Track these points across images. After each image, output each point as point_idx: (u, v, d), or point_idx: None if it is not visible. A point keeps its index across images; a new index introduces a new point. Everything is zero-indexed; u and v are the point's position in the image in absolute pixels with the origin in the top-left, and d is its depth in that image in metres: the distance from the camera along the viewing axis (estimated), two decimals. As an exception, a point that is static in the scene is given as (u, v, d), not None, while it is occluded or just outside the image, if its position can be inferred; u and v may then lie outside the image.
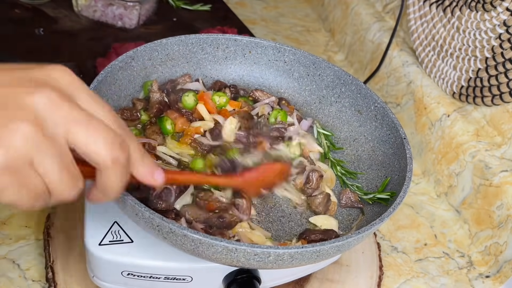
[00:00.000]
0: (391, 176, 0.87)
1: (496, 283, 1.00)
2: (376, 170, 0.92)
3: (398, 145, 0.88)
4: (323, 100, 1.00)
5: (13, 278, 0.87)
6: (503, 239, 0.99)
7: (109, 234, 0.77)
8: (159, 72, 0.94)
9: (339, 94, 0.98)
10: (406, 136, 0.88)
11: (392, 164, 0.89)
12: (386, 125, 0.91)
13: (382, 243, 1.03)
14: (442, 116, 1.10)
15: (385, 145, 0.92)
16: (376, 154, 0.93)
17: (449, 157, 1.09)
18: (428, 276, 1.00)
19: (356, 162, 0.95)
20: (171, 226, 0.64)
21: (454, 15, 1.05)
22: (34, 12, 1.27)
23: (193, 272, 0.78)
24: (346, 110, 0.98)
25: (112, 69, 0.84)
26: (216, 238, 0.64)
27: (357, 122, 0.97)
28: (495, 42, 0.98)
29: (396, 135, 0.89)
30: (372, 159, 0.93)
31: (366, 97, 0.94)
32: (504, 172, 1.00)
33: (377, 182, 0.90)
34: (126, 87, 0.89)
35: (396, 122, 0.90)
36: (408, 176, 0.81)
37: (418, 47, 1.16)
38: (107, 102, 0.80)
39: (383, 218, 0.74)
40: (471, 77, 1.04)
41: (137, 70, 0.90)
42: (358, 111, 0.96)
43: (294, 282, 0.91)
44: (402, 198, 0.78)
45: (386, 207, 0.79)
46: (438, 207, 1.11)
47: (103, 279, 0.79)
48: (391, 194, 0.83)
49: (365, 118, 0.95)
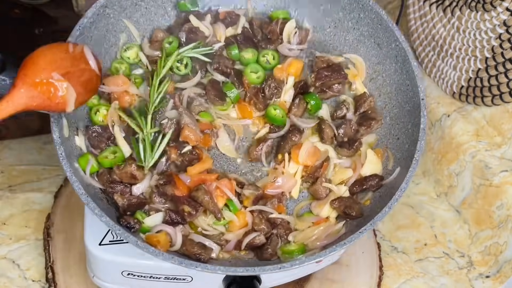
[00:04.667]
0: (403, 140, 0.83)
1: (496, 283, 1.00)
2: (390, 126, 0.86)
3: (415, 105, 0.82)
4: (339, 25, 0.91)
5: (13, 278, 0.87)
6: (503, 239, 0.99)
7: (109, 234, 0.77)
8: (142, 9, 0.87)
9: (357, 19, 0.89)
10: (425, 98, 0.81)
11: (406, 126, 0.83)
12: (406, 72, 0.84)
13: (382, 243, 1.03)
14: (442, 116, 1.10)
15: (402, 96, 0.85)
16: (392, 103, 0.86)
17: (449, 157, 1.09)
18: (428, 276, 1.00)
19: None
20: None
21: (454, 15, 1.05)
22: (34, 12, 1.27)
23: (193, 272, 0.78)
24: (364, 41, 0.89)
25: (82, 30, 0.76)
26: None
27: (375, 58, 0.89)
28: (495, 42, 0.98)
29: (415, 91, 0.82)
30: (388, 108, 0.87)
31: (387, 30, 0.86)
32: (504, 172, 1.00)
33: (388, 140, 0.86)
34: (105, 40, 0.83)
35: (416, 73, 0.82)
36: (416, 158, 0.77)
37: (418, 47, 1.16)
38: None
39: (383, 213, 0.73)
40: (471, 77, 1.04)
41: (114, 16, 0.83)
42: (378, 44, 0.88)
43: (294, 282, 0.91)
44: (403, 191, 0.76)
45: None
46: (438, 207, 1.11)
47: (103, 279, 0.79)
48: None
49: (385, 56, 0.87)
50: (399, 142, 0.84)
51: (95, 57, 0.72)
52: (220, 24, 0.90)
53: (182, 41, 0.86)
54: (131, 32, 0.86)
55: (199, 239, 0.75)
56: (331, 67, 0.88)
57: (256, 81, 0.88)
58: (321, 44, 0.93)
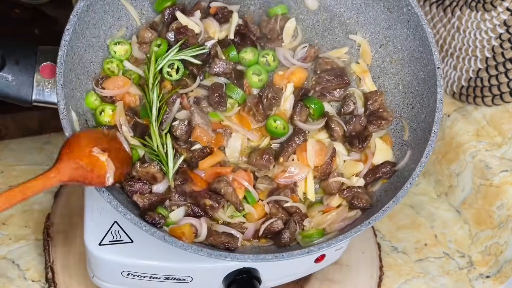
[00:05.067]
0: (418, 109, 0.78)
1: (496, 283, 1.00)
2: (403, 94, 0.82)
3: (430, 72, 0.78)
4: None
5: (13, 278, 0.87)
6: (503, 239, 0.99)
7: (109, 234, 0.77)
8: None
9: None
10: (441, 66, 0.77)
11: (420, 94, 0.79)
12: (420, 38, 0.80)
13: (382, 243, 1.03)
14: (443, 116, 1.10)
15: (416, 63, 0.81)
16: (405, 71, 0.82)
17: (449, 157, 1.09)
18: (428, 276, 1.00)
19: (382, 77, 0.85)
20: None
21: (454, 15, 1.05)
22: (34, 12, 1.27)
23: (193, 272, 0.78)
24: (373, 4, 0.84)
25: (80, 15, 0.74)
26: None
27: (385, 23, 0.84)
28: (495, 42, 0.97)
29: (429, 58, 0.78)
30: (400, 75, 0.82)
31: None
32: (504, 172, 1.00)
33: (402, 109, 0.81)
34: (104, 22, 0.79)
35: (430, 40, 0.78)
36: (434, 131, 0.73)
37: (418, 47, 1.16)
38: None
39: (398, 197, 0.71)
40: (472, 77, 1.04)
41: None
42: (388, 8, 0.83)
43: (294, 282, 0.91)
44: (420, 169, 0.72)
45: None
46: (439, 207, 1.11)
47: (103, 279, 0.79)
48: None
49: (396, 20, 0.83)
50: (414, 112, 0.80)
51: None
52: (212, 19, 0.84)
53: (171, 42, 0.81)
54: (129, 12, 0.82)
55: (224, 229, 0.75)
56: (334, 70, 0.84)
57: (257, 85, 0.83)
58: (327, 8, 0.87)
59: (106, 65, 0.80)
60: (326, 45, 0.87)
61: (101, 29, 0.79)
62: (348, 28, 0.87)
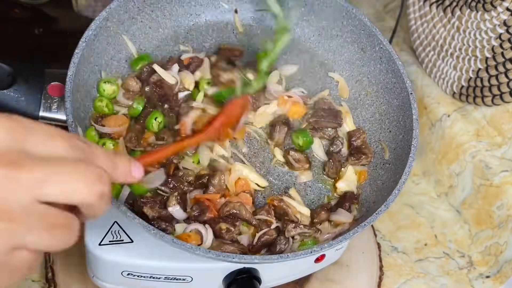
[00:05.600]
0: (395, 132, 0.85)
1: (496, 283, 1.00)
2: (379, 121, 0.88)
3: (404, 99, 0.84)
4: (323, 33, 0.94)
5: (13, 278, 0.87)
6: (503, 239, 0.99)
7: (109, 234, 0.77)
8: (138, 23, 0.88)
9: (340, 27, 0.92)
10: (413, 92, 0.83)
11: (397, 119, 0.85)
12: (392, 71, 0.87)
13: (382, 243, 1.03)
14: (442, 116, 1.10)
15: (389, 93, 0.87)
16: (380, 101, 0.89)
17: (449, 157, 1.09)
18: (428, 276, 1.00)
19: (359, 108, 0.91)
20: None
21: (454, 15, 1.05)
22: (34, 12, 1.27)
23: (193, 272, 0.78)
24: (348, 46, 0.92)
25: (88, 42, 0.79)
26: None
27: (360, 61, 0.92)
28: (495, 42, 0.97)
29: (402, 87, 0.85)
30: (376, 105, 0.89)
31: (370, 36, 0.89)
32: (505, 172, 1.00)
33: (380, 134, 0.88)
34: (106, 53, 0.84)
35: (402, 71, 0.85)
36: (414, 145, 0.79)
37: (418, 47, 1.16)
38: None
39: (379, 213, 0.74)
40: (471, 77, 1.04)
41: (114, 30, 0.84)
42: (362, 49, 0.91)
43: (294, 282, 0.91)
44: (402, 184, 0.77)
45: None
46: (438, 207, 1.11)
47: (103, 279, 0.79)
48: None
49: (369, 58, 0.90)
50: (392, 134, 0.86)
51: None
52: (187, 72, 0.88)
53: (148, 94, 0.85)
54: (128, 48, 0.88)
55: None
56: (331, 110, 0.89)
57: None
58: (307, 51, 0.95)
59: (98, 103, 0.83)
60: (307, 81, 0.94)
61: (103, 59, 0.84)
62: (327, 67, 0.94)
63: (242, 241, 0.77)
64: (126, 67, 0.88)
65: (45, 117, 0.80)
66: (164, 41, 0.91)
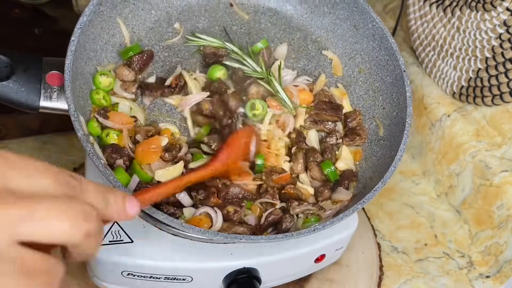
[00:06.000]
0: (389, 109, 0.86)
1: (496, 283, 1.00)
2: (373, 98, 0.89)
3: (397, 76, 0.85)
4: (315, 10, 0.95)
5: (13, 278, 0.87)
6: (503, 239, 0.99)
7: (109, 234, 0.77)
8: (131, 5, 0.87)
9: (333, 4, 0.93)
10: (406, 70, 0.85)
11: (390, 96, 0.87)
12: (385, 49, 0.88)
13: (382, 243, 1.03)
14: (442, 116, 1.10)
15: (383, 70, 0.89)
16: (373, 78, 0.90)
17: (449, 157, 1.09)
18: (428, 276, 1.00)
19: (353, 85, 0.92)
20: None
21: (454, 15, 1.05)
22: (34, 12, 1.27)
23: (193, 272, 0.78)
24: (341, 24, 0.93)
25: (83, 29, 0.78)
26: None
27: (352, 38, 0.93)
28: (495, 42, 0.97)
29: (395, 64, 0.86)
30: (369, 82, 0.90)
31: (363, 13, 0.90)
32: (504, 172, 1.00)
33: (374, 111, 0.89)
34: (100, 38, 0.84)
35: (395, 49, 0.86)
36: (408, 122, 0.80)
37: (418, 47, 1.16)
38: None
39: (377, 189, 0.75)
40: (471, 77, 1.04)
41: (107, 14, 0.84)
42: (354, 26, 0.92)
43: (294, 282, 0.91)
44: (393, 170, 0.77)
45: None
46: (438, 207, 1.11)
47: (103, 279, 0.79)
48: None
49: (362, 36, 0.91)
50: (386, 111, 0.87)
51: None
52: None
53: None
54: (121, 32, 0.87)
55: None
56: (332, 104, 0.89)
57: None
58: (300, 29, 0.96)
59: (95, 95, 0.82)
60: (302, 59, 0.95)
61: (98, 44, 0.84)
62: (320, 45, 0.95)
63: (250, 222, 0.77)
64: (118, 55, 0.87)
65: (46, 107, 0.78)
66: (157, 22, 0.91)
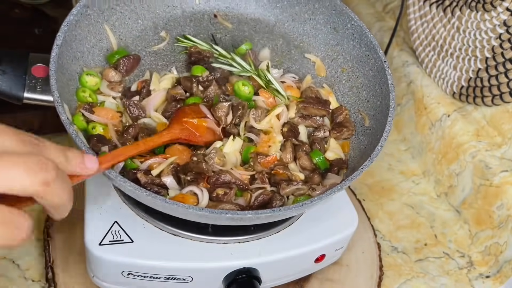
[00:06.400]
0: (373, 100, 0.88)
1: (496, 283, 1.00)
2: (357, 93, 0.92)
3: (379, 68, 0.88)
4: (296, 18, 0.98)
5: (13, 278, 0.87)
6: (503, 239, 0.99)
7: (109, 234, 0.77)
8: (118, 13, 0.89)
9: (312, 10, 0.96)
10: (387, 60, 0.87)
11: (373, 88, 0.89)
12: (365, 45, 0.90)
13: (382, 243, 1.03)
14: (442, 116, 1.10)
15: (364, 66, 0.91)
16: (356, 75, 0.92)
17: (449, 157, 1.09)
18: (428, 276, 1.00)
19: (336, 84, 0.94)
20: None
21: (454, 15, 1.05)
22: (34, 12, 1.27)
23: (193, 272, 0.78)
24: (321, 28, 0.96)
25: (69, 27, 0.80)
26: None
27: (333, 41, 0.95)
28: (495, 42, 0.97)
29: (376, 57, 0.88)
30: (352, 80, 0.93)
31: (341, 14, 0.93)
32: (504, 172, 1.00)
33: (359, 105, 0.91)
34: (87, 40, 0.85)
35: (374, 43, 0.89)
36: (392, 106, 0.82)
37: (418, 47, 1.16)
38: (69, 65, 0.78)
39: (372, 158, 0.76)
40: (471, 77, 1.04)
41: (94, 18, 0.85)
42: (334, 28, 0.95)
43: (294, 282, 0.91)
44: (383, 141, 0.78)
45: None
46: (438, 207, 1.11)
47: (103, 279, 0.79)
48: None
49: (342, 37, 0.94)
50: (370, 103, 0.89)
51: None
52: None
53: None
54: (108, 37, 0.88)
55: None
56: (319, 99, 0.92)
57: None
58: (282, 36, 0.98)
59: (81, 93, 0.83)
60: (285, 62, 0.98)
61: (85, 46, 0.85)
62: (303, 49, 0.98)
63: (239, 202, 0.77)
64: (105, 59, 0.89)
65: (30, 97, 0.80)
66: (143, 31, 0.93)
